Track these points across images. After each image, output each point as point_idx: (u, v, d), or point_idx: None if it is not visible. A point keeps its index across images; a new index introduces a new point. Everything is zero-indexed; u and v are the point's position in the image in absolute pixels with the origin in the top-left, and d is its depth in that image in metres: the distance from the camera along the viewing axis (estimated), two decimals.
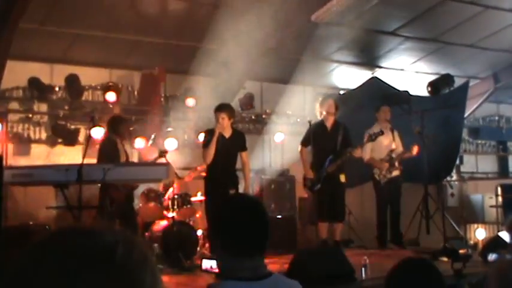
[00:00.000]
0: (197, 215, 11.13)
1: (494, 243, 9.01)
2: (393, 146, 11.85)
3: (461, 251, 9.56)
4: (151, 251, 1.39)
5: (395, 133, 11.97)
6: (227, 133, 9.89)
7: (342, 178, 10.88)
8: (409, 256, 4.26)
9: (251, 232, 2.96)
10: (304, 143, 11.18)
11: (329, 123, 11.06)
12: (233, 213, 3.05)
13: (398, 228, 12.06)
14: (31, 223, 10.73)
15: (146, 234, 10.67)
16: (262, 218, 3.04)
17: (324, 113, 11.10)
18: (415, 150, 11.90)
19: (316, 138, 10.83)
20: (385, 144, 11.80)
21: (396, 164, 11.91)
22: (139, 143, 12.34)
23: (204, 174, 10.35)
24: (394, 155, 11.87)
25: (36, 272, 1.25)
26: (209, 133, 9.93)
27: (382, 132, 11.09)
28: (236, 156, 10.04)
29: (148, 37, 13.15)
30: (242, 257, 2.92)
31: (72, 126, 12.95)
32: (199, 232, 10.56)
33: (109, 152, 10.08)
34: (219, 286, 3.12)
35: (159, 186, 11.29)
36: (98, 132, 11.43)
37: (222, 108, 9.95)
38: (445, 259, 9.63)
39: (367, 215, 12.16)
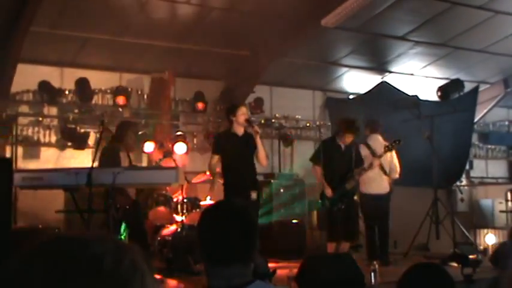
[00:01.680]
0: None
1: (504, 249, 8.98)
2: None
3: (471, 257, 9.55)
4: (143, 260, 1.35)
5: None
6: (240, 132, 9.78)
7: (355, 196, 10.72)
8: (421, 261, 4.26)
9: (227, 241, 2.86)
10: (317, 161, 10.69)
11: (343, 144, 10.58)
12: (210, 221, 2.97)
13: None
14: (40, 226, 10.77)
15: (156, 238, 10.68)
16: (241, 226, 2.92)
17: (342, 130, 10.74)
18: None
19: (330, 156, 10.50)
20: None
21: None
22: (148, 147, 12.33)
23: (220, 180, 10.21)
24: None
25: (23, 282, 1.23)
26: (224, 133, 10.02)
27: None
28: (253, 157, 9.76)
29: (158, 41, 13.16)
30: (219, 266, 2.85)
31: (82, 130, 12.95)
32: None
33: (109, 159, 9.94)
34: None
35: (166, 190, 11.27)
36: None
37: (244, 104, 10.09)
38: (454, 264, 9.61)
39: None
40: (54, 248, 1.29)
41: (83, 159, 12.51)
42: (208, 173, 11.00)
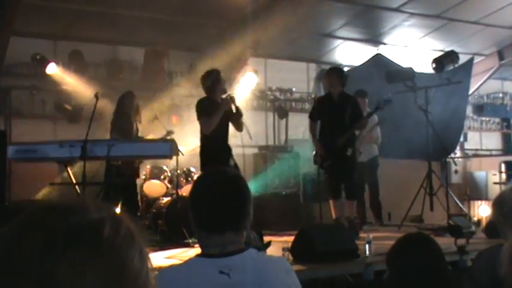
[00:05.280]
0: None
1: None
2: None
3: (464, 228, 9.57)
4: (138, 228, 1.33)
5: None
6: (219, 99, 9.51)
7: (349, 152, 10.15)
8: (409, 232, 4.30)
9: (221, 208, 2.87)
10: (311, 117, 10.61)
11: (335, 95, 10.34)
12: (205, 188, 2.99)
13: None
14: (34, 199, 10.77)
15: (150, 210, 10.70)
16: (235, 194, 2.93)
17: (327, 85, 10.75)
18: None
19: (323, 111, 10.31)
20: None
21: None
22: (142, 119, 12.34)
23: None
24: None
25: (19, 252, 1.19)
26: (208, 100, 9.48)
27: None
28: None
29: (152, 13, 13.08)
30: (212, 233, 2.86)
31: (76, 103, 12.92)
32: None
33: (121, 130, 10.00)
34: (179, 266, 3.02)
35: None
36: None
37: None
38: (448, 236, 9.66)
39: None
40: (51, 217, 1.25)
41: (77, 132, 12.47)
42: None
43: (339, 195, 10.32)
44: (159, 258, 8.46)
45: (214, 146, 9.30)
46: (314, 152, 10.52)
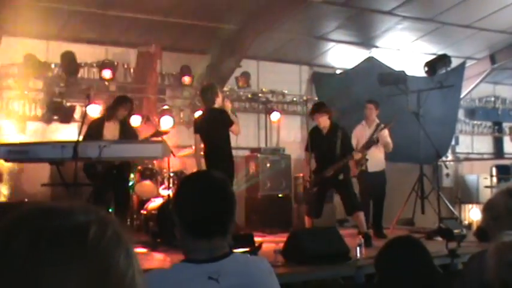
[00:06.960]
0: None
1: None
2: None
3: (455, 231, 9.59)
4: (126, 231, 1.32)
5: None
6: None
7: (340, 176, 10.44)
8: (396, 235, 4.31)
9: (210, 214, 2.81)
10: (306, 148, 10.82)
11: (324, 128, 10.56)
12: (191, 193, 2.90)
13: None
14: (25, 200, 10.74)
15: (142, 211, 10.68)
16: (223, 198, 2.87)
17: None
18: None
19: (314, 143, 10.51)
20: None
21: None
22: (135, 120, 12.31)
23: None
24: None
25: (4, 253, 1.20)
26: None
27: (377, 141, 11.00)
28: None
29: (144, 14, 13.07)
30: (199, 238, 2.80)
31: (68, 104, 12.88)
32: None
33: (90, 131, 9.99)
34: (166, 271, 2.92)
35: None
36: (94, 110, 11.43)
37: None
38: (439, 239, 9.68)
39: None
40: (38, 218, 1.26)
41: (68, 132, 12.45)
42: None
43: (313, 215, 10.50)
44: (150, 260, 8.46)
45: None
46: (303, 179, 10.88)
